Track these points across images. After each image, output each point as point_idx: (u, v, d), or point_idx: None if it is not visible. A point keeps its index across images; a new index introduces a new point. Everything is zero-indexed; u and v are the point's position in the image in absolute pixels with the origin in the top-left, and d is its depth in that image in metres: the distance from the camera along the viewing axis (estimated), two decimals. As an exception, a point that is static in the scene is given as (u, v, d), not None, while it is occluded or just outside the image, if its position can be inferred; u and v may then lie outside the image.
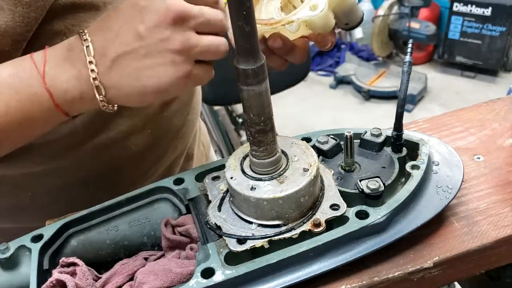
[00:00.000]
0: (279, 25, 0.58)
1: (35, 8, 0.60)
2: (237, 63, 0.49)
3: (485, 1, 3.37)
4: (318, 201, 0.58)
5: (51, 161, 0.76)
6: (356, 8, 0.64)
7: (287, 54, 0.62)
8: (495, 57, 3.53)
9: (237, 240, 0.55)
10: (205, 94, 1.10)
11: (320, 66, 4.05)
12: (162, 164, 0.90)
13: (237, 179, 0.57)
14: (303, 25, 0.58)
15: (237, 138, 2.64)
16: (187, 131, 0.94)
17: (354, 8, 0.63)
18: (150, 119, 0.83)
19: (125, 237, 0.64)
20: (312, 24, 0.58)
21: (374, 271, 0.56)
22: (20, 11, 0.59)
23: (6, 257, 0.59)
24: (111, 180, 0.84)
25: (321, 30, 0.60)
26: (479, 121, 0.80)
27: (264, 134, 0.54)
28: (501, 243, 0.60)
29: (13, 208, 0.82)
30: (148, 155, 0.86)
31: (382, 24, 3.64)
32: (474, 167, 0.71)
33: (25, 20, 0.60)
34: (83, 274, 0.57)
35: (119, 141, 0.80)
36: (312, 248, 0.53)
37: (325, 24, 0.59)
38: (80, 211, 0.65)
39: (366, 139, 0.65)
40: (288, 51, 0.61)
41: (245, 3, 0.45)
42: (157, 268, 0.57)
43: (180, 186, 0.65)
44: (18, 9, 0.59)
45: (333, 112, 3.59)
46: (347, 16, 0.64)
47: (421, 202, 0.59)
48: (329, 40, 0.63)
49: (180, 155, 0.95)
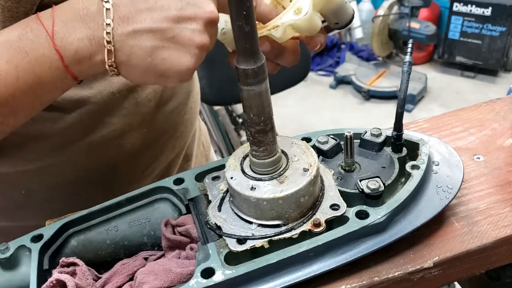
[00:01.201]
0: (265, 30, 0.58)
1: (25, 2, 0.60)
2: (237, 63, 0.49)
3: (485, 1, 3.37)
4: (318, 201, 0.58)
5: (45, 158, 0.76)
6: (345, 7, 0.64)
7: (277, 57, 0.62)
8: (495, 57, 3.53)
9: (237, 240, 0.55)
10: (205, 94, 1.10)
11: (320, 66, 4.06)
12: (159, 163, 0.90)
13: (237, 179, 0.57)
14: (289, 28, 0.58)
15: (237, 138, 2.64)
16: (185, 131, 0.94)
17: (342, 7, 0.63)
18: (146, 118, 0.83)
19: (125, 237, 0.64)
20: (298, 27, 0.58)
21: (374, 271, 0.56)
22: (9, 6, 0.59)
23: (6, 257, 0.59)
24: (107, 179, 0.84)
25: (307, 32, 0.60)
26: (479, 121, 0.80)
27: (264, 134, 0.54)
28: (501, 243, 0.60)
29: (9, 206, 0.82)
30: (144, 154, 0.86)
31: (382, 24, 3.64)
32: (474, 167, 0.71)
33: (14, 14, 0.59)
34: (83, 274, 0.57)
35: (114, 139, 0.80)
36: (312, 248, 0.53)
37: (311, 27, 0.59)
38: (80, 211, 0.65)
39: (366, 139, 0.65)
40: (277, 54, 0.61)
41: (245, 3, 0.45)
42: (157, 268, 0.57)
43: (180, 186, 0.65)
44: (7, 4, 0.59)
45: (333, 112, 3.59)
46: (336, 16, 0.64)
47: (421, 202, 0.59)
48: (317, 41, 0.63)
49: (178, 155, 0.95)
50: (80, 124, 0.75)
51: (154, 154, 0.88)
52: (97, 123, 0.77)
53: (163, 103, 0.85)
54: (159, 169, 0.91)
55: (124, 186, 0.77)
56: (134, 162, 0.85)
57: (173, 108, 0.88)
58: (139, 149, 0.84)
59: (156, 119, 0.85)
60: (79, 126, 0.75)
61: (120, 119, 0.79)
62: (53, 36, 0.55)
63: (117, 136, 0.80)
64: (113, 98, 0.77)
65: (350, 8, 0.64)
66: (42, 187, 0.80)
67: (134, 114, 0.80)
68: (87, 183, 0.82)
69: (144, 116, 0.82)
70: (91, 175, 0.81)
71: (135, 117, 0.81)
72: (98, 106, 0.76)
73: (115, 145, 0.80)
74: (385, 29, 3.68)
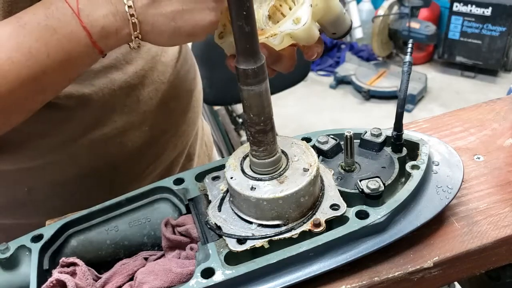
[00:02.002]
0: (263, 38, 0.58)
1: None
2: (237, 63, 0.49)
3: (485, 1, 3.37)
4: (318, 201, 0.58)
5: (46, 155, 0.76)
6: (343, 17, 0.64)
7: (274, 63, 0.62)
8: (495, 57, 3.53)
9: (237, 240, 0.55)
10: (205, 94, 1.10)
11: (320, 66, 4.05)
12: (161, 162, 0.90)
13: (237, 179, 0.57)
14: (287, 37, 0.59)
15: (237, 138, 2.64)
16: (187, 130, 0.94)
17: (340, 18, 0.63)
18: (148, 116, 0.83)
19: (125, 237, 0.64)
20: (296, 36, 0.59)
21: (374, 271, 0.56)
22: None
23: (6, 257, 0.59)
24: (108, 177, 0.84)
25: (305, 42, 0.61)
26: (479, 121, 0.80)
27: (264, 134, 0.54)
28: (501, 243, 0.60)
29: (11, 203, 0.83)
30: (146, 152, 0.86)
31: (382, 24, 3.64)
32: (474, 167, 0.71)
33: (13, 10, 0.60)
34: (83, 274, 0.57)
35: (115, 137, 0.80)
36: (312, 248, 0.53)
37: (309, 37, 0.59)
38: (80, 211, 0.65)
39: (366, 139, 0.65)
40: (274, 61, 0.62)
41: (245, 3, 0.45)
42: (157, 268, 0.57)
43: (180, 186, 0.65)
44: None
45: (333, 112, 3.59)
46: (334, 26, 0.64)
47: (421, 202, 0.59)
48: (315, 51, 0.64)
49: (180, 154, 0.95)
50: (81, 121, 0.75)
51: (155, 152, 0.88)
52: (98, 120, 0.77)
53: (165, 101, 0.85)
54: (161, 168, 0.91)
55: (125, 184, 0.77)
56: (136, 160, 0.85)
57: (175, 106, 0.88)
58: (140, 148, 0.84)
59: (158, 117, 0.85)
60: (80, 124, 0.76)
61: (121, 117, 0.79)
62: (79, 14, 0.56)
63: (119, 134, 0.80)
64: (114, 96, 0.77)
65: (348, 19, 0.65)
66: (44, 185, 0.80)
67: (136, 112, 0.81)
68: (88, 181, 0.82)
69: (145, 114, 0.82)
70: (93, 173, 0.81)
71: (136, 115, 0.81)
72: (99, 103, 0.76)
73: (116, 143, 0.80)
74: (385, 29, 3.68)
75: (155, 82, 0.83)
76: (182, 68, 0.91)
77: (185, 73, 0.92)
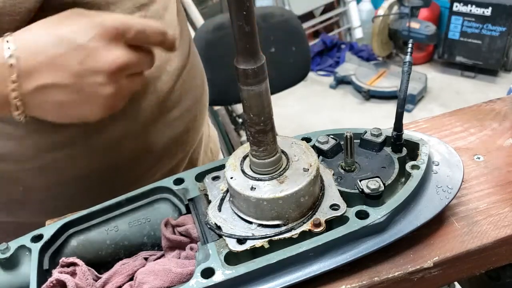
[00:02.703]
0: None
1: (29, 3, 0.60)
2: (237, 63, 0.49)
3: (485, 1, 3.37)
4: (318, 201, 0.58)
5: (45, 155, 0.76)
6: None
7: None
8: (495, 57, 3.54)
9: (237, 240, 0.55)
10: (205, 94, 1.09)
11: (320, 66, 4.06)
12: (159, 169, 0.89)
13: (237, 179, 0.57)
14: None
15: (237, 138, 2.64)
16: (188, 138, 0.92)
17: None
18: (147, 124, 0.82)
19: (125, 237, 0.64)
20: None
21: (374, 271, 0.56)
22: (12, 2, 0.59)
23: (6, 257, 0.59)
24: (108, 180, 0.83)
25: None
26: (479, 121, 0.80)
27: (264, 134, 0.54)
28: (501, 243, 0.60)
29: (10, 203, 0.82)
30: (145, 159, 0.85)
31: (382, 24, 3.64)
32: (474, 167, 0.71)
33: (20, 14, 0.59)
34: (83, 274, 0.57)
35: (114, 143, 0.79)
36: (312, 248, 0.53)
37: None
38: (80, 211, 0.65)
39: (366, 139, 0.65)
40: None
41: (245, 3, 0.45)
42: (157, 268, 0.57)
43: (180, 186, 0.65)
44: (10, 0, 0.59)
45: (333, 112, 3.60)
46: None
47: (421, 202, 0.59)
48: None
49: (181, 161, 0.94)
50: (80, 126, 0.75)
51: (154, 159, 0.87)
52: (97, 126, 0.77)
53: (166, 110, 0.84)
54: (160, 174, 0.90)
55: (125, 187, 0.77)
56: (135, 166, 0.85)
57: (177, 115, 0.86)
58: (139, 155, 0.84)
59: (158, 125, 0.84)
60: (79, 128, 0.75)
61: (120, 124, 0.78)
62: None
63: (116, 141, 0.79)
64: None
65: None
66: (43, 185, 0.79)
67: (136, 120, 0.80)
68: (88, 182, 0.81)
69: (145, 122, 0.81)
70: (92, 176, 0.81)
71: (136, 124, 0.80)
72: None
73: (115, 149, 0.80)
74: (385, 29, 3.68)
75: (158, 91, 0.81)
76: (188, 76, 0.89)
77: (191, 80, 0.90)
